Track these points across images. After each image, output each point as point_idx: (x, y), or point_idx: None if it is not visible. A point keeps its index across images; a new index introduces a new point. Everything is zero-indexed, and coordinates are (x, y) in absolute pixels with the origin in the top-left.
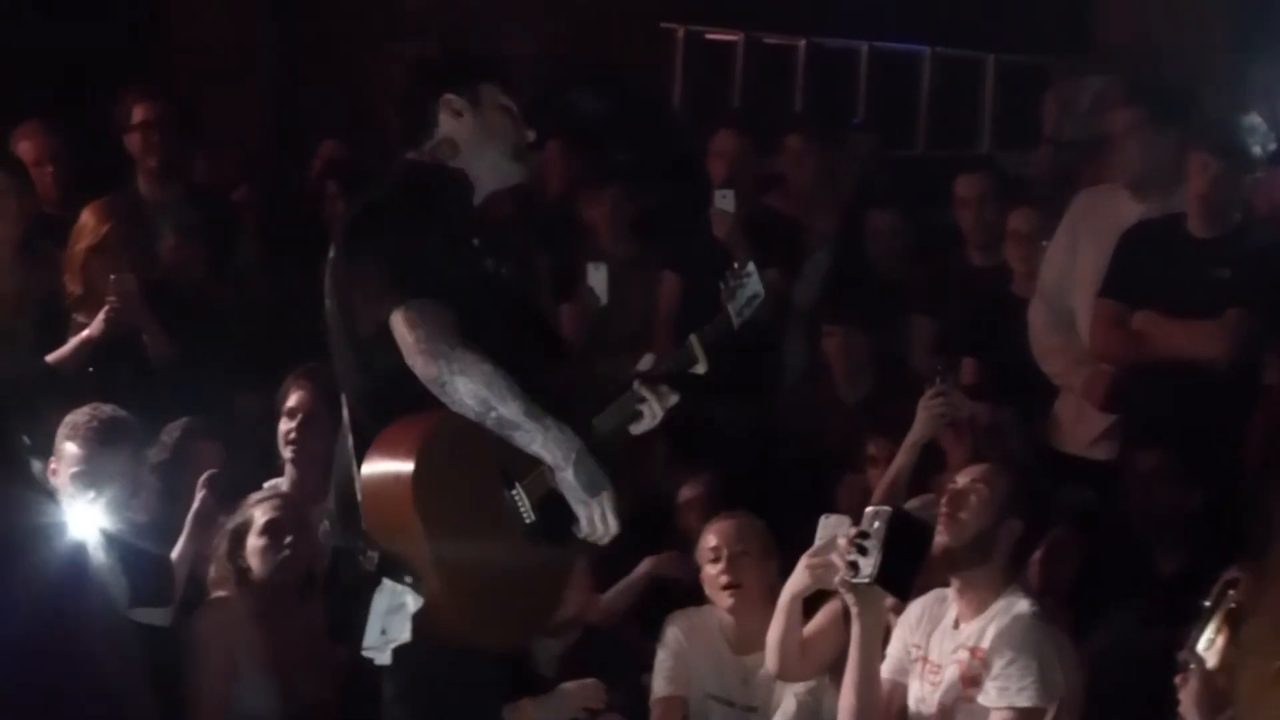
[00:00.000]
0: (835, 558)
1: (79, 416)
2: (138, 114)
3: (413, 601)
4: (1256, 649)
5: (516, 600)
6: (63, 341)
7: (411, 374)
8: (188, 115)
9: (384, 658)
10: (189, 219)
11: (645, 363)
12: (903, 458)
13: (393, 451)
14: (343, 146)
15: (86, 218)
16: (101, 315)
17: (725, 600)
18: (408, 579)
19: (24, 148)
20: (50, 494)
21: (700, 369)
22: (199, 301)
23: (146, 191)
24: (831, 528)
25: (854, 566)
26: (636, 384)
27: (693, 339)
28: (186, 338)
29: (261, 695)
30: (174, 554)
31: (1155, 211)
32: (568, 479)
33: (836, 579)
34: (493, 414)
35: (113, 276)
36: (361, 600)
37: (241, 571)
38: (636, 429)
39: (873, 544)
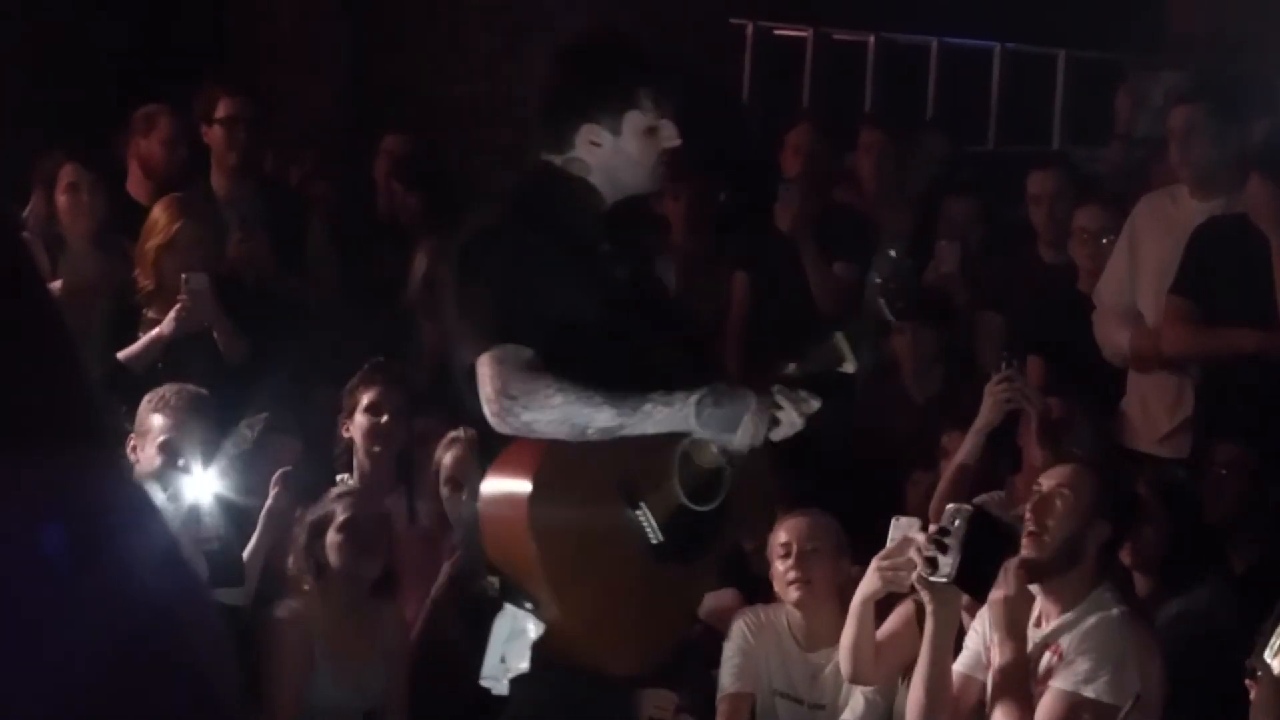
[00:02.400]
0: (914, 553)
1: (164, 390)
2: (222, 109)
3: (534, 628)
4: None
5: (642, 624)
6: (135, 336)
7: None
8: (266, 109)
9: (501, 688)
10: (257, 213)
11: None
12: (969, 444)
13: (509, 474)
14: (405, 140)
15: (158, 214)
16: (172, 314)
17: (793, 595)
18: (528, 605)
19: (164, 123)
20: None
21: (849, 368)
22: (269, 296)
23: (219, 186)
24: (903, 529)
25: (932, 563)
26: (776, 389)
27: (839, 336)
28: (258, 333)
29: (336, 688)
30: (248, 548)
31: (1221, 210)
32: (703, 435)
33: (913, 575)
34: (590, 431)
35: (184, 275)
36: (481, 625)
37: (320, 565)
38: (775, 436)
39: (953, 542)
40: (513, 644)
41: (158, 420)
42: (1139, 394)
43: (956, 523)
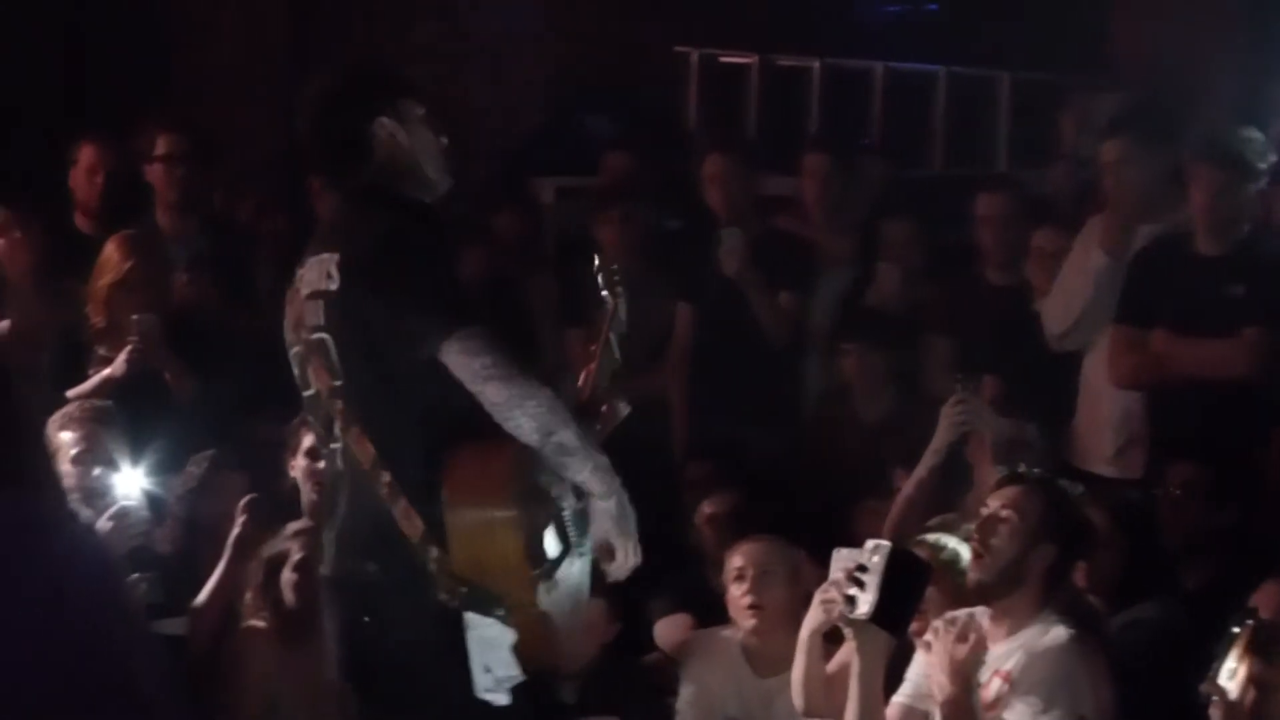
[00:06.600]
0: (834, 591)
1: (68, 408)
2: (160, 146)
3: (507, 635)
4: None
5: (579, 620)
6: (83, 373)
7: (447, 406)
8: (208, 146)
9: (502, 698)
10: (202, 251)
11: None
12: (925, 465)
13: (482, 493)
14: None
15: (110, 252)
16: (123, 356)
17: (748, 621)
18: (499, 612)
19: (85, 152)
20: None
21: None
22: (217, 334)
23: (164, 223)
24: (844, 560)
25: (851, 601)
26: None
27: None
28: (207, 371)
29: None
30: (213, 579)
31: (1162, 231)
32: (609, 510)
33: (835, 612)
34: (553, 439)
35: (135, 317)
36: (369, 636)
37: (276, 602)
38: None
39: (870, 579)
40: (493, 654)
41: (66, 437)
42: (1089, 414)
43: (875, 559)
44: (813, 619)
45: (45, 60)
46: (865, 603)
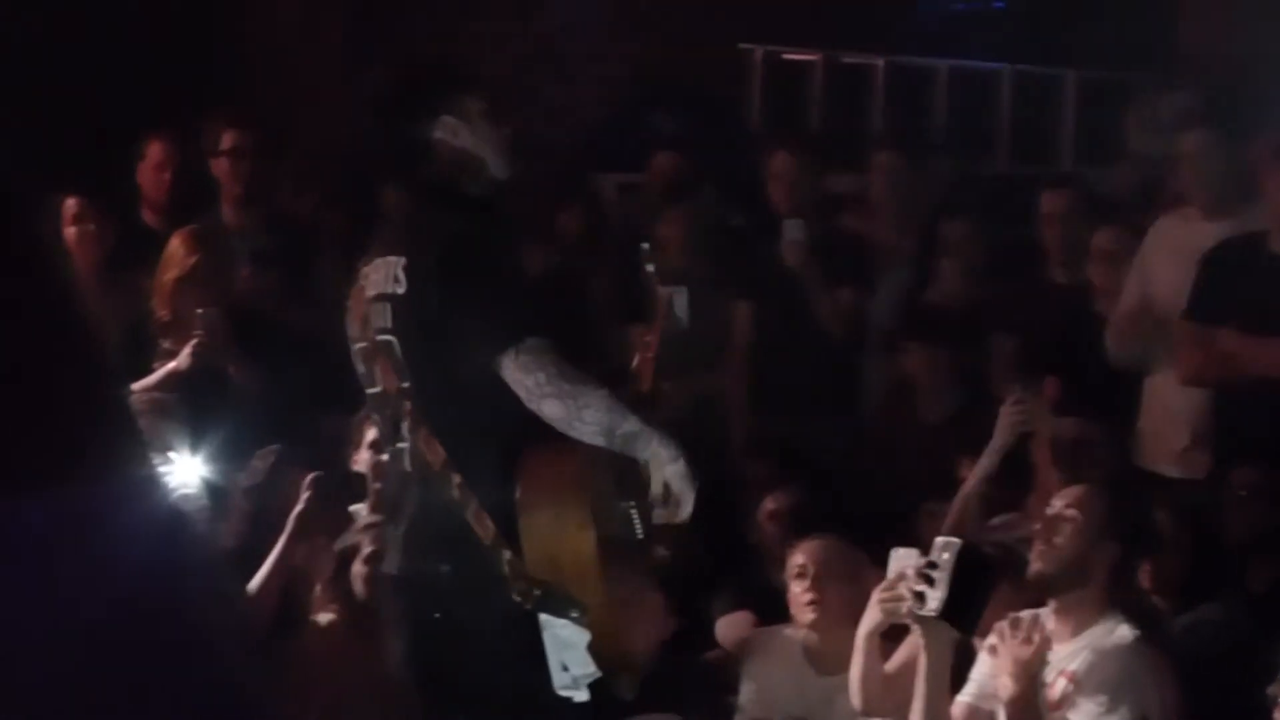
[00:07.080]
0: (903, 588)
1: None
2: (226, 140)
3: (582, 636)
4: None
5: (642, 616)
6: (148, 366)
7: (516, 408)
8: (273, 140)
9: (583, 695)
10: (265, 246)
11: None
12: (983, 466)
13: (556, 494)
14: None
15: (175, 246)
16: (188, 350)
17: (807, 616)
18: (574, 613)
19: (154, 149)
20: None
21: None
22: (279, 328)
23: (228, 217)
24: (901, 560)
25: (920, 598)
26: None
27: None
28: (271, 365)
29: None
30: (271, 557)
31: (1232, 231)
32: (679, 470)
33: (904, 609)
34: (618, 433)
35: (199, 311)
36: (430, 633)
37: (346, 595)
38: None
39: (940, 575)
40: (569, 653)
41: None
42: (1155, 414)
43: (945, 556)
44: (870, 619)
45: (113, 56)
46: (935, 599)
